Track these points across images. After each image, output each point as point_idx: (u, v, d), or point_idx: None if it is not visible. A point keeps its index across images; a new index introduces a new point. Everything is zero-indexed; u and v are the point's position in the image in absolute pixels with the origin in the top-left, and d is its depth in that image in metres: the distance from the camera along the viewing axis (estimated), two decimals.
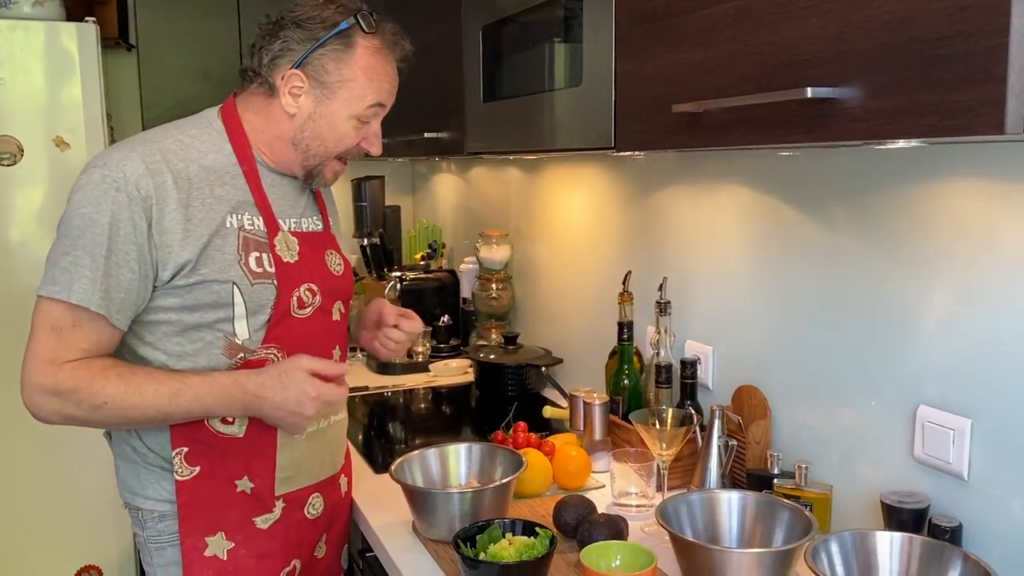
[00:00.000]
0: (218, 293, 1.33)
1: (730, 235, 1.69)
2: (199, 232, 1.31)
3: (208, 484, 1.39)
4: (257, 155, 1.41)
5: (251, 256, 1.36)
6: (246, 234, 1.36)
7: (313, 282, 1.43)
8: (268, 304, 1.37)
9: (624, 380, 1.85)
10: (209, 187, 1.34)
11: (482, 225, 2.81)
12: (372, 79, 1.37)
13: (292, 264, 1.40)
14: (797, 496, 1.45)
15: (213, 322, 1.34)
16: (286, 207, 1.44)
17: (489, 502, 1.42)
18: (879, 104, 0.84)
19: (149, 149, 1.32)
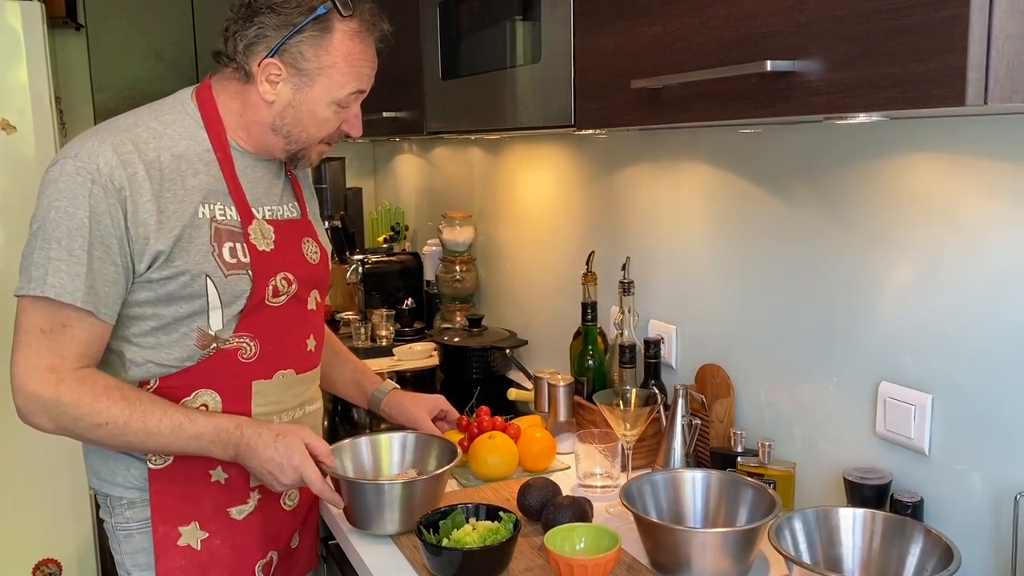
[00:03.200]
0: (191, 285, 1.30)
1: (693, 213, 1.68)
2: (172, 223, 1.28)
3: (182, 473, 1.36)
4: (232, 140, 1.37)
5: (224, 247, 1.32)
6: (218, 225, 1.32)
7: (289, 271, 1.39)
8: (243, 295, 1.33)
9: (588, 361, 1.84)
10: (181, 177, 1.30)
11: (445, 207, 2.78)
12: (352, 64, 1.32)
13: (268, 253, 1.37)
14: (761, 474, 1.45)
15: (188, 315, 1.31)
16: (260, 194, 1.40)
17: (422, 493, 1.38)
18: (840, 77, 0.83)
19: (120, 139, 1.27)
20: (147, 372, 1.33)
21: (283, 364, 1.40)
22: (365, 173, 3.50)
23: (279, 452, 1.29)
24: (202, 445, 1.29)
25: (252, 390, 1.37)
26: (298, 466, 1.29)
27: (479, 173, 2.58)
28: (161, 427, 1.26)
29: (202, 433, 1.29)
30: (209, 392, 1.35)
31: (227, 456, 1.31)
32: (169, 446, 1.29)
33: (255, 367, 1.37)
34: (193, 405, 1.34)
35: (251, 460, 1.30)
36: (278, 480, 1.30)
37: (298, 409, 1.44)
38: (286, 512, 1.46)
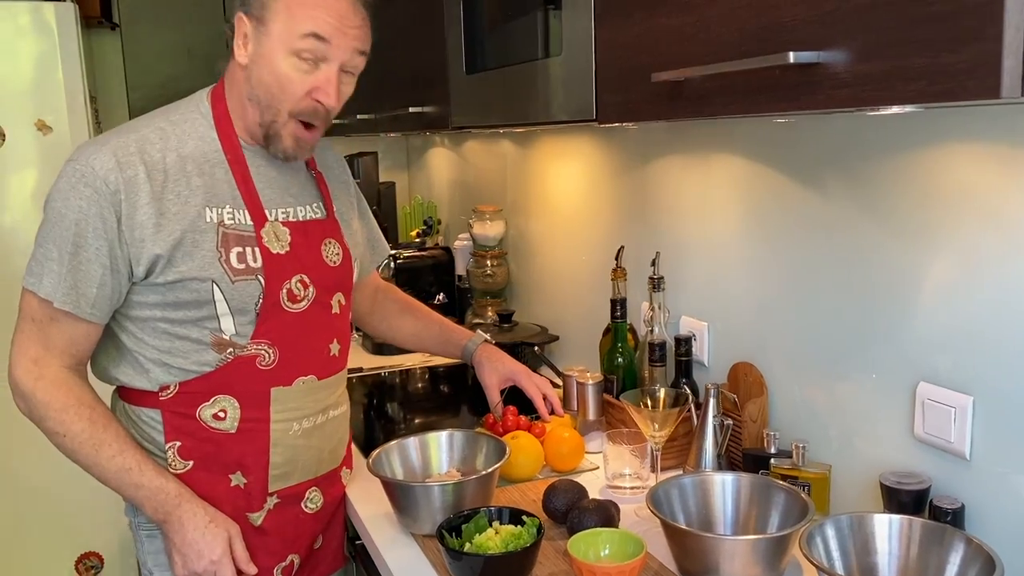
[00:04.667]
0: (198, 291, 1.29)
1: (724, 206, 1.63)
2: (171, 227, 1.27)
3: (201, 478, 1.36)
4: (242, 140, 1.36)
5: (232, 252, 1.31)
6: (226, 230, 1.31)
7: (305, 273, 1.37)
8: (253, 300, 1.32)
9: (618, 358, 1.80)
10: (186, 178, 1.29)
11: (477, 200, 2.76)
12: (305, 6, 1.25)
13: (282, 256, 1.35)
14: (795, 476, 1.40)
15: (198, 319, 1.31)
16: (275, 195, 1.38)
17: (472, 493, 1.38)
18: (866, 68, 0.78)
19: (124, 140, 1.27)
20: (168, 376, 1.33)
21: (304, 370, 1.39)
22: (399, 167, 3.49)
23: (204, 539, 1.31)
24: (138, 496, 1.31)
25: (271, 397, 1.36)
26: (216, 560, 1.31)
27: (510, 166, 2.55)
28: (110, 464, 1.29)
29: (143, 486, 1.30)
30: (228, 398, 1.34)
31: (155, 518, 1.33)
32: (108, 482, 1.31)
33: (274, 374, 1.35)
34: (212, 411, 1.34)
35: (175, 534, 1.32)
36: (188, 566, 1.32)
37: (320, 415, 1.43)
38: (307, 515, 1.46)
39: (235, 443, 1.36)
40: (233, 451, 1.36)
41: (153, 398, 1.34)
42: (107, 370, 1.36)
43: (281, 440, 1.38)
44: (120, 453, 1.29)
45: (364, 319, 1.79)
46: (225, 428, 1.35)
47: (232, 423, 1.35)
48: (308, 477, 1.44)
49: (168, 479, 1.32)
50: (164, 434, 1.35)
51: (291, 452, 1.39)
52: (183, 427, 1.34)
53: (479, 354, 1.71)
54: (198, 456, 1.35)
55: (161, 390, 1.33)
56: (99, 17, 2.85)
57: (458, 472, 1.49)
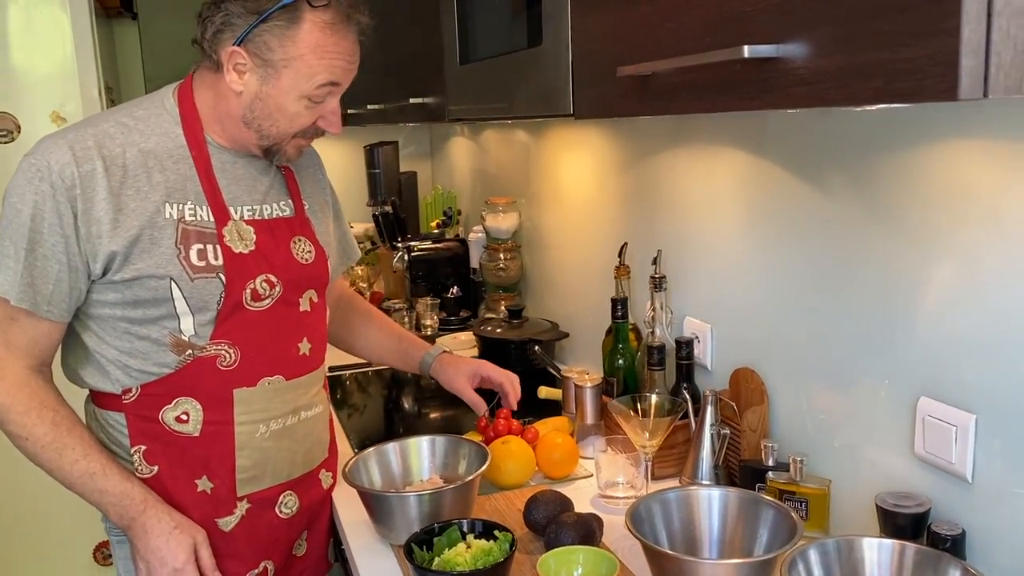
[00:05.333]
0: (155, 289, 1.25)
1: (727, 202, 1.55)
2: (129, 223, 1.23)
3: (168, 483, 1.33)
4: (209, 137, 1.32)
5: (192, 249, 1.27)
6: (186, 226, 1.27)
7: (272, 272, 1.34)
8: (213, 299, 1.28)
9: (619, 360, 1.73)
10: (147, 173, 1.26)
11: (495, 191, 2.70)
12: (322, 57, 1.24)
13: (245, 255, 1.31)
14: (792, 491, 1.33)
15: (156, 318, 1.27)
16: (240, 192, 1.34)
17: (450, 502, 1.33)
18: (824, 64, 0.70)
19: (82, 134, 1.24)
20: (129, 378, 1.30)
21: (269, 371, 1.35)
22: (422, 156, 3.44)
23: (168, 546, 1.28)
24: (103, 501, 1.28)
25: (234, 398, 1.32)
26: (180, 568, 1.28)
27: (523, 156, 2.48)
28: (73, 468, 1.27)
29: (107, 491, 1.28)
30: (190, 400, 1.31)
31: (120, 524, 1.30)
32: (73, 487, 1.29)
33: (236, 375, 1.32)
34: (174, 413, 1.31)
35: (139, 540, 1.29)
36: (152, 572, 1.29)
37: (291, 416, 1.39)
38: (281, 520, 1.42)
39: (199, 446, 1.32)
40: (198, 455, 1.33)
41: (117, 401, 1.32)
42: (75, 372, 1.34)
43: (247, 443, 1.34)
44: (84, 457, 1.27)
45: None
46: (188, 431, 1.32)
47: (195, 426, 1.32)
48: (280, 480, 1.40)
49: (134, 484, 1.29)
50: (129, 437, 1.32)
51: (259, 455, 1.36)
52: (147, 431, 1.31)
53: (437, 364, 1.67)
54: (163, 460, 1.33)
55: (124, 393, 1.31)
56: (119, 7, 2.85)
57: (441, 479, 1.45)
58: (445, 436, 1.49)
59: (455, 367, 1.65)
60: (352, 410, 2.09)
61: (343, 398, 2.16)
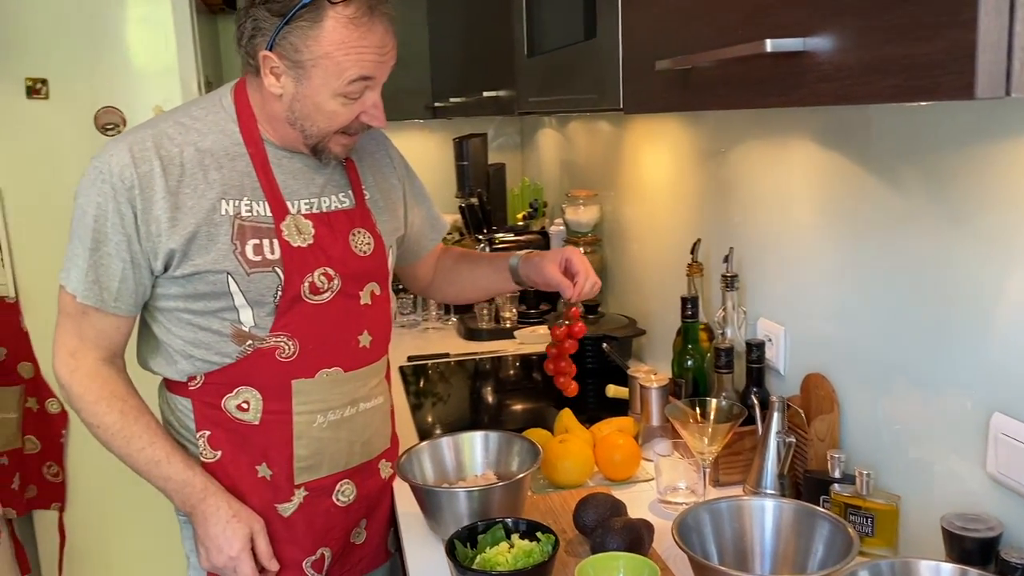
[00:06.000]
0: (214, 284, 1.30)
1: (802, 198, 1.47)
2: (186, 221, 1.27)
3: (230, 469, 1.38)
4: (264, 134, 1.35)
5: (248, 244, 1.30)
6: (243, 222, 1.30)
7: (330, 266, 1.36)
8: (270, 292, 1.31)
9: (688, 361, 1.68)
10: (203, 172, 1.29)
11: (580, 183, 2.66)
12: (348, 53, 1.23)
13: (303, 249, 1.33)
14: (858, 506, 1.26)
15: (217, 311, 1.32)
16: (299, 187, 1.36)
17: (499, 499, 1.32)
18: (846, 59, 0.65)
19: (142, 136, 1.29)
20: (194, 367, 1.35)
21: (327, 362, 1.37)
22: (512, 148, 3.44)
23: (224, 535, 1.32)
24: (167, 487, 1.34)
25: (292, 389, 1.35)
26: (235, 556, 1.32)
27: (607, 148, 2.44)
28: (140, 455, 1.32)
29: (171, 478, 1.33)
30: (250, 390, 1.34)
31: (183, 510, 1.36)
32: (140, 473, 1.34)
33: (295, 366, 1.34)
34: (236, 401, 1.35)
35: (199, 527, 1.34)
36: (210, 559, 1.34)
37: (349, 407, 1.41)
38: (339, 509, 1.44)
39: (259, 434, 1.36)
40: (257, 442, 1.36)
41: (184, 388, 1.37)
42: (147, 360, 1.40)
43: (305, 432, 1.37)
44: (150, 445, 1.32)
45: (429, 289, 1.77)
46: (248, 419, 1.35)
47: (255, 415, 1.35)
48: (337, 470, 1.42)
49: (195, 472, 1.34)
50: (195, 423, 1.37)
51: (316, 444, 1.38)
52: (211, 417, 1.36)
53: (524, 262, 1.60)
54: (226, 446, 1.37)
55: (189, 380, 1.36)
56: (222, 4, 2.96)
57: (494, 475, 1.44)
58: (499, 432, 1.48)
59: (541, 255, 1.58)
60: (436, 399, 2.11)
61: (426, 387, 2.19)
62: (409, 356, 2.37)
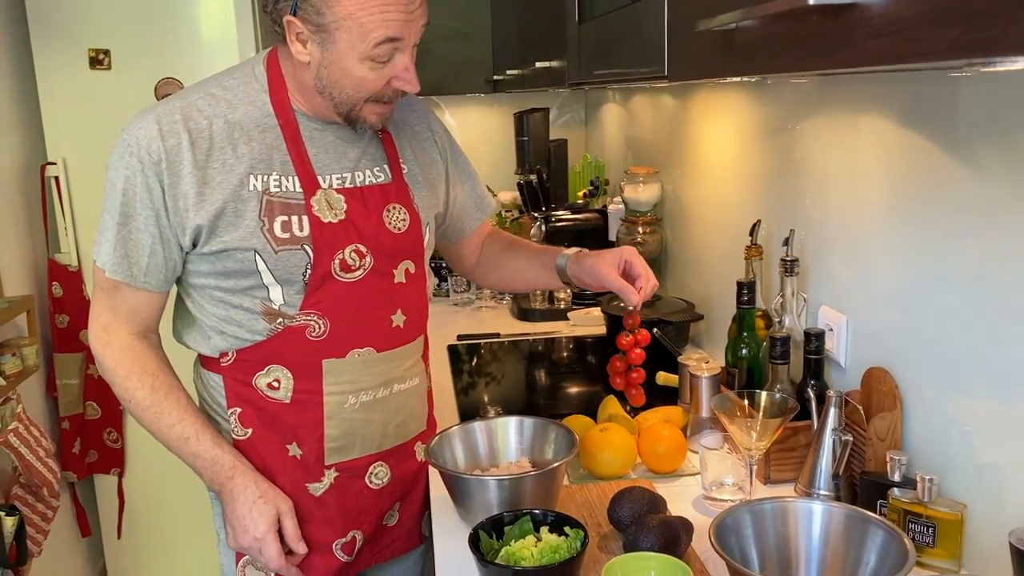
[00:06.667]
0: (242, 261, 1.26)
1: (872, 178, 1.36)
2: (214, 196, 1.24)
3: (260, 447, 1.35)
4: (295, 104, 1.30)
5: (276, 221, 1.26)
6: (271, 197, 1.26)
7: (362, 243, 1.31)
8: (300, 270, 1.27)
9: (742, 350, 1.58)
10: (232, 145, 1.25)
11: (641, 160, 2.57)
12: (372, 13, 1.16)
13: (334, 225, 1.29)
14: (919, 513, 1.16)
15: (247, 288, 1.29)
16: (330, 161, 1.31)
17: (532, 489, 1.26)
18: (899, 10, 0.56)
19: (170, 108, 1.25)
20: (226, 343, 1.32)
21: (359, 342, 1.32)
22: (577, 123, 3.35)
23: (250, 515, 1.29)
24: (196, 464, 1.32)
25: (323, 368, 1.31)
26: (260, 538, 1.29)
27: (670, 124, 2.33)
28: (170, 432, 1.30)
29: (200, 455, 1.31)
30: (281, 368, 1.31)
31: (211, 488, 1.34)
32: (171, 449, 1.32)
33: (325, 345, 1.30)
34: (266, 380, 1.32)
35: (227, 506, 1.32)
36: (236, 539, 1.31)
37: (382, 388, 1.36)
38: (372, 491, 1.40)
39: (289, 413, 1.33)
40: (288, 421, 1.33)
41: (216, 364, 1.35)
42: (181, 335, 1.38)
43: (336, 413, 1.33)
44: (180, 422, 1.30)
45: (474, 272, 1.70)
46: (279, 398, 1.32)
47: (286, 393, 1.32)
48: (370, 452, 1.38)
49: (224, 451, 1.31)
50: (226, 399, 1.35)
51: (348, 425, 1.35)
52: (242, 394, 1.34)
53: (574, 260, 1.48)
54: (257, 424, 1.34)
55: (221, 356, 1.33)
56: None
57: (528, 463, 1.38)
58: (534, 418, 1.41)
59: (596, 255, 1.47)
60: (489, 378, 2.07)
61: (476, 367, 2.14)
62: (459, 335, 2.32)
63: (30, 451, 2.20)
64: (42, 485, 2.26)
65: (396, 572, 1.57)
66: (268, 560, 1.31)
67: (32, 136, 2.56)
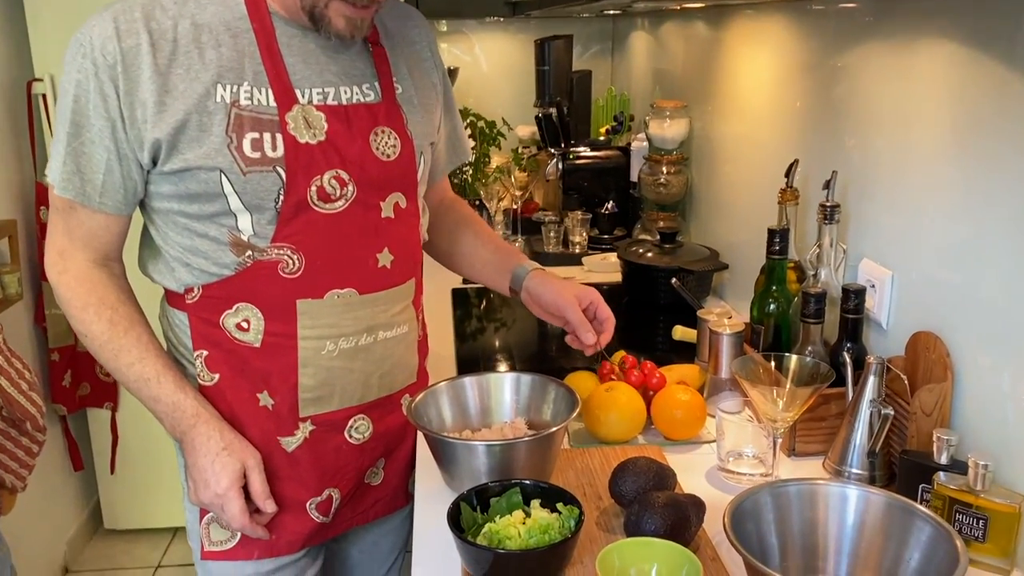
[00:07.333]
0: (206, 183, 1.11)
1: (930, 113, 1.17)
2: (176, 107, 1.08)
3: (228, 394, 1.22)
4: (272, 7, 1.13)
5: (246, 138, 1.10)
6: (240, 111, 1.10)
7: (344, 169, 1.15)
8: (271, 196, 1.12)
9: (770, 305, 1.41)
10: (199, 50, 1.09)
11: (670, 95, 2.37)
12: None
13: (312, 146, 1.13)
14: (968, 503, 1.00)
15: (212, 215, 1.13)
16: (310, 73, 1.15)
17: (526, 455, 1.11)
18: None
19: (130, 5, 1.09)
20: (191, 276, 1.18)
21: (338, 282, 1.17)
22: (603, 54, 3.13)
23: (212, 468, 1.16)
24: (156, 409, 1.19)
25: (297, 310, 1.16)
26: (222, 494, 1.16)
27: (702, 55, 2.13)
28: (129, 371, 1.17)
29: (160, 399, 1.17)
30: (251, 308, 1.17)
31: (172, 435, 1.21)
32: (130, 390, 1.20)
33: (300, 284, 1.15)
34: (235, 320, 1.17)
35: (188, 456, 1.19)
36: (196, 494, 1.18)
37: (365, 335, 1.22)
38: (352, 447, 1.27)
39: (260, 359, 1.19)
40: (259, 367, 1.20)
41: (181, 300, 1.21)
42: (146, 266, 1.24)
43: (312, 360, 1.19)
44: (139, 361, 1.17)
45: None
46: (249, 341, 1.18)
47: (256, 336, 1.18)
48: (350, 404, 1.25)
49: (187, 395, 1.18)
50: (192, 341, 1.21)
51: (325, 374, 1.21)
52: (209, 335, 1.20)
53: (536, 276, 1.38)
54: (225, 368, 1.21)
55: (187, 292, 1.19)
56: None
57: (524, 424, 1.23)
58: (531, 374, 1.27)
59: (561, 282, 1.37)
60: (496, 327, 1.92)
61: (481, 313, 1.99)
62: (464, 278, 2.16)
63: (11, 384, 2.09)
64: (24, 419, 2.15)
65: (380, 534, 1.45)
66: (230, 519, 1.18)
67: (18, 51, 2.40)
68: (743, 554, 0.87)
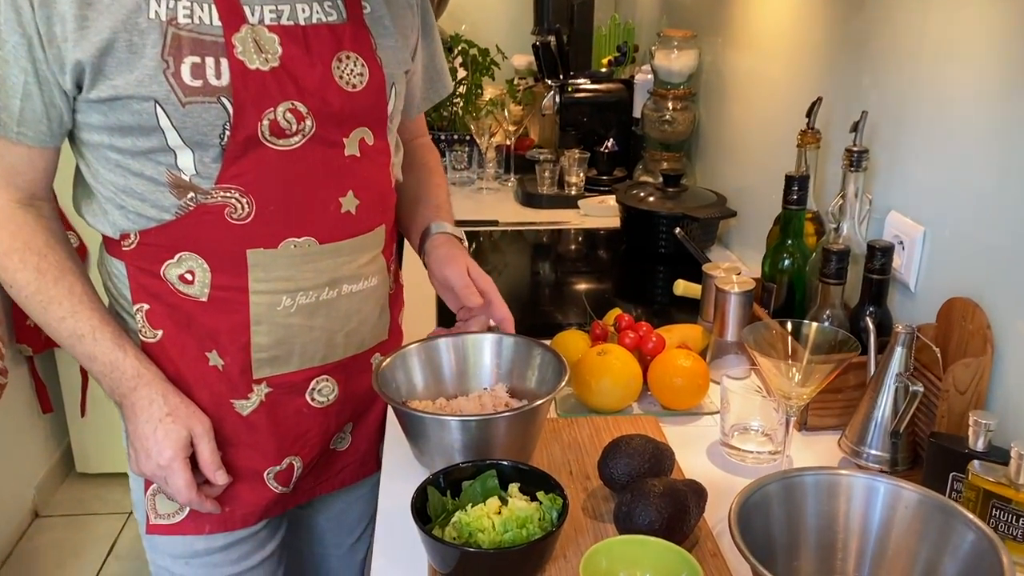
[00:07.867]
0: (139, 114, 0.95)
1: (979, 47, 1.02)
2: (100, 24, 0.91)
3: (173, 353, 1.08)
4: None
5: (185, 63, 0.94)
6: (178, 30, 0.94)
7: (301, 100, 0.99)
8: (214, 131, 0.96)
9: (784, 260, 1.27)
10: None
11: (676, 23, 2.18)
12: None
13: (264, 73, 0.97)
14: (1007, 498, 0.88)
15: (148, 151, 0.98)
16: None
17: (506, 430, 0.98)
18: None
19: None
20: (127, 221, 1.03)
21: (295, 230, 1.03)
22: None
23: (155, 436, 1.03)
24: (93, 368, 1.05)
25: (248, 261, 1.02)
26: (165, 465, 1.04)
27: None
28: (61, 327, 1.03)
29: (96, 358, 1.04)
30: (195, 257, 1.02)
31: (112, 398, 1.07)
32: (64, 347, 1.06)
33: (250, 231, 1.01)
34: (178, 271, 1.03)
35: (129, 423, 1.06)
36: (138, 464, 1.06)
37: (327, 289, 1.08)
38: (314, 410, 1.14)
39: (207, 314, 1.05)
40: (206, 324, 1.06)
41: (118, 247, 1.06)
42: (80, 207, 1.09)
43: (266, 317, 1.05)
44: (72, 315, 1.03)
45: None
46: (194, 294, 1.04)
47: (202, 289, 1.04)
48: (311, 364, 1.11)
49: (127, 354, 1.04)
50: (131, 292, 1.07)
51: (282, 332, 1.07)
52: (149, 287, 1.06)
53: (444, 238, 1.24)
54: (169, 324, 1.07)
55: (122, 238, 1.05)
56: None
57: (506, 391, 1.10)
58: (516, 337, 1.12)
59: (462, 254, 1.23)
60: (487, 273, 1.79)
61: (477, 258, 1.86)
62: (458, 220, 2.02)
63: None
64: None
65: (348, 502, 1.33)
66: (175, 492, 1.05)
67: None
68: (752, 563, 0.74)
